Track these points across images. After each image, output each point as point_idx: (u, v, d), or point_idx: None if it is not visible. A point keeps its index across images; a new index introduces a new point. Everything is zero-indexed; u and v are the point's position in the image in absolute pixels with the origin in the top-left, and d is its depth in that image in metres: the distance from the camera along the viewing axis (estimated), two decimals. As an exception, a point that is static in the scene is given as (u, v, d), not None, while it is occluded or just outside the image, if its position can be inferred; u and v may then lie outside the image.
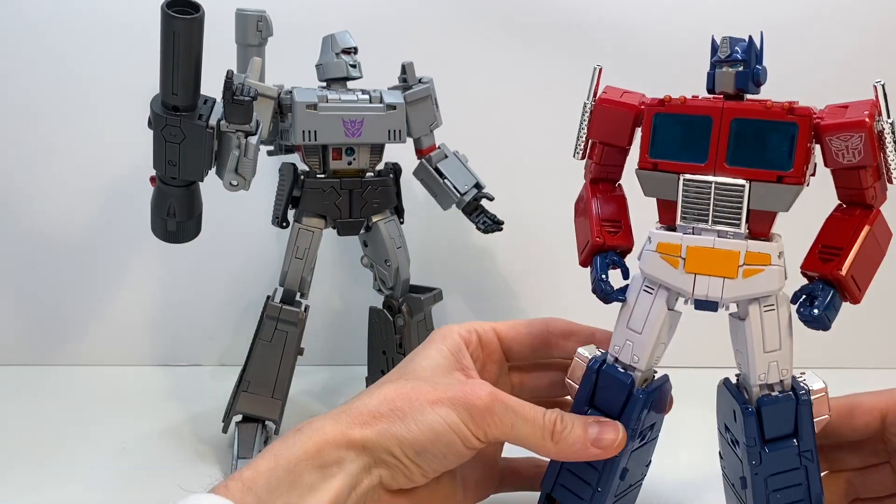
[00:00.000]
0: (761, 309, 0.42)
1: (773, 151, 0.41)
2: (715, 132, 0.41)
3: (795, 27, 0.77)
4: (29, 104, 0.76)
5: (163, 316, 0.80)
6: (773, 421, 0.43)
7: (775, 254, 0.41)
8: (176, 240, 0.57)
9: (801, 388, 0.43)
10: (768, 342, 0.43)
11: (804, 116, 0.40)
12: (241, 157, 0.53)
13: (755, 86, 0.42)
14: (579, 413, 0.45)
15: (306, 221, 0.60)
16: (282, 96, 0.58)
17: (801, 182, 0.40)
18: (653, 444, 0.48)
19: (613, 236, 0.45)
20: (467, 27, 0.77)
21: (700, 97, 0.43)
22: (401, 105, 0.60)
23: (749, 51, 0.41)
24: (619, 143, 0.45)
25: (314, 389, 0.74)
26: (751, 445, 0.43)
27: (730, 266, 0.42)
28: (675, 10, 0.77)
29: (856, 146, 0.40)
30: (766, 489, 0.43)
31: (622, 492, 0.47)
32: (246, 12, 0.58)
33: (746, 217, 0.42)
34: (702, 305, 0.43)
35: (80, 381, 0.76)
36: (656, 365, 0.46)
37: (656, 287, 0.44)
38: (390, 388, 0.42)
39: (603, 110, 0.45)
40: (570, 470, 0.47)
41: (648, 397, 0.44)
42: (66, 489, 0.56)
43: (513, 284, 0.81)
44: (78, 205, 0.78)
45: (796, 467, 0.43)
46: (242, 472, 0.38)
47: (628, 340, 0.45)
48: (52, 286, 0.79)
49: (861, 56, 0.77)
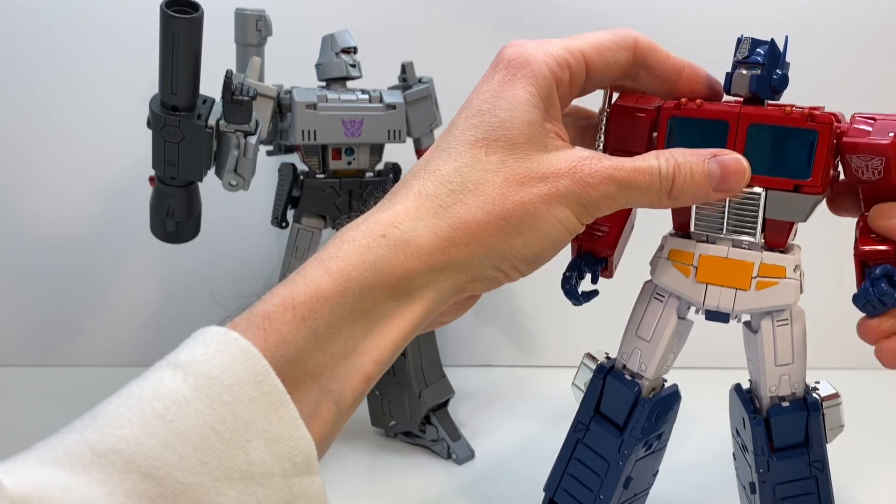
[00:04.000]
0: (774, 323, 0.41)
1: (791, 159, 0.39)
2: (731, 138, 0.40)
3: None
4: (28, 104, 0.76)
5: (163, 316, 0.80)
6: (782, 431, 0.43)
7: (791, 266, 0.40)
8: (175, 240, 0.56)
9: (813, 399, 0.43)
10: (780, 356, 0.42)
11: (825, 124, 0.38)
12: (240, 157, 0.53)
13: (773, 92, 0.40)
14: (585, 421, 0.45)
15: (306, 221, 0.60)
16: (281, 96, 0.58)
17: (819, 192, 0.39)
18: (660, 454, 0.48)
19: (596, 241, 0.44)
20: (467, 27, 0.77)
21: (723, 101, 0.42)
22: (400, 105, 0.60)
23: (769, 54, 0.40)
24: (637, 150, 0.41)
25: (314, 390, 0.74)
26: (758, 454, 0.43)
27: (743, 278, 0.41)
28: (676, 9, 0.76)
29: (876, 167, 0.38)
30: (775, 497, 0.43)
31: (626, 500, 0.46)
32: (245, 12, 0.58)
33: (762, 226, 0.40)
34: (713, 316, 0.42)
35: (80, 381, 0.76)
36: (665, 373, 0.45)
37: (667, 295, 0.43)
38: (494, 177, 0.34)
39: (621, 115, 0.43)
40: (573, 476, 0.46)
41: (655, 406, 0.44)
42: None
43: (513, 284, 0.80)
44: (77, 205, 0.78)
45: (806, 477, 0.43)
46: (295, 294, 0.31)
47: (637, 348, 0.44)
48: (51, 286, 0.79)
49: (869, 55, 0.77)
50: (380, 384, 0.64)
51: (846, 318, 0.87)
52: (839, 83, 0.77)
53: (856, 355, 0.81)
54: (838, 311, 0.80)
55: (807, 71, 0.77)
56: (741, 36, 0.40)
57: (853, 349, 0.80)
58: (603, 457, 0.45)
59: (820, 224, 0.42)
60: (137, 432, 0.27)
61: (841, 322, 0.81)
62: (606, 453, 0.45)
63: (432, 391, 0.63)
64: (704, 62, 0.42)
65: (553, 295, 0.61)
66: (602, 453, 0.45)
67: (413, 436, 0.64)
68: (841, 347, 0.82)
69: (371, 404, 0.65)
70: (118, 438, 0.27)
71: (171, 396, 0.28)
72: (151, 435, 0.27)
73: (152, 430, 0.27)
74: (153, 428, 0.27)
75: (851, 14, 0.77)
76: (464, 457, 0.62)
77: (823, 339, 0.83)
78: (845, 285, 0.50)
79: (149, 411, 0.27)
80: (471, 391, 0.73)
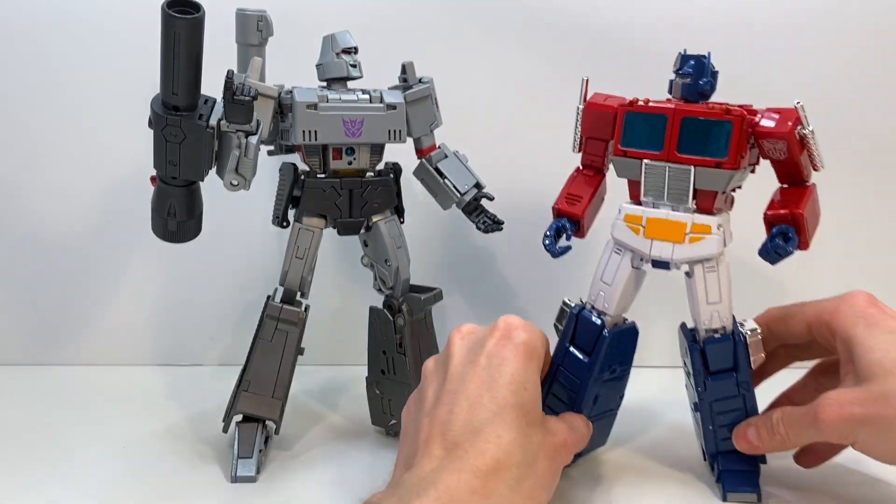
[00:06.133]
0: (704, 269, 0.53)
1: (713, 143, 0.51)
2: (669, 127, 0.52)
3: (803, 27, 0.77)
4: (29, 104, 0.76)
5: (163, 316, 0.80)
6: (715, 357, 0.55)
7: (715, 225, 0.52)
8: (176, 239, 0.57)
9: (740, 332, 0.54)
10: (710, 296, 0.54)
11: (738, 117, 0.51)
12: (241, 156, 0.53)
13: (700, 95, 0.53)
14: (563, 350, 0.56)
15: (307, 221, 0.60)
16: (282, 96, 0.58)
17: (735, 168, 0.51)
18: (624, 379, 0.59)
19: (570, 206, 0.57)
20: (467, 27, 0.77)
21: None
22: (401, 105, 0.60)
23: (696, 67, 0.52)
24: (605, 137, 0.56)
25: (314, 389, 0.74)
26: (697, 376, 0.55)
27: (679, 233, 0.53)
28: (676, 9, 0.77)
29: (781, 148, 0.51)
30: (712, 411, 0.56)
31: (597, 414, 0.58)
32: (246, 12, 0.58)
33: (693, 195, 0.53)
34: (658, 265, 0.55)
35: (80, 381, 0.76)
36: (624, 313, 0.57)
37: (623, 249, 0.55)
38: (512, 451, 0.43)
39: (590, 112, 0.56)
40: (554, 394, 0.57)
41: (615, 337, 0.55)
42: (66, 489, 0.56)
43: (513, 284, 0.81)
44: (78, 204, 0.78)
45: (735, 395, 0.55)
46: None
47: (601, 291, 0.56)
48: (51, 286, 0.79)
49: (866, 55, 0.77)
50: (380, 383, 0.64)
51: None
52: (838, 82, 0.77)
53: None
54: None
55: (807, 71, 0.77)
56: (682, 51, 0.53)
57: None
58: (576, 377, 0.56)
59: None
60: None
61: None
62: (579, 374, 0.56)
63: (433, 390, 0.63)
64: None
65: (553, 295, 0.61)
66: (575, 374, 0.56)
67: (413, 435, 0.64)
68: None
69: (371, 403, 0.65)
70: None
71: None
72: None
73: None
74: None
75: (851, 14, 0.77)
76: (464, 456, 0.62)
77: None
78: (846, 285, 0.52)
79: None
80: (471, 390, 0.73)
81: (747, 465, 0.56)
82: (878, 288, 0.55)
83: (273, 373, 0.60)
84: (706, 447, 0.58)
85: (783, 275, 0.64)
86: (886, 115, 0.79)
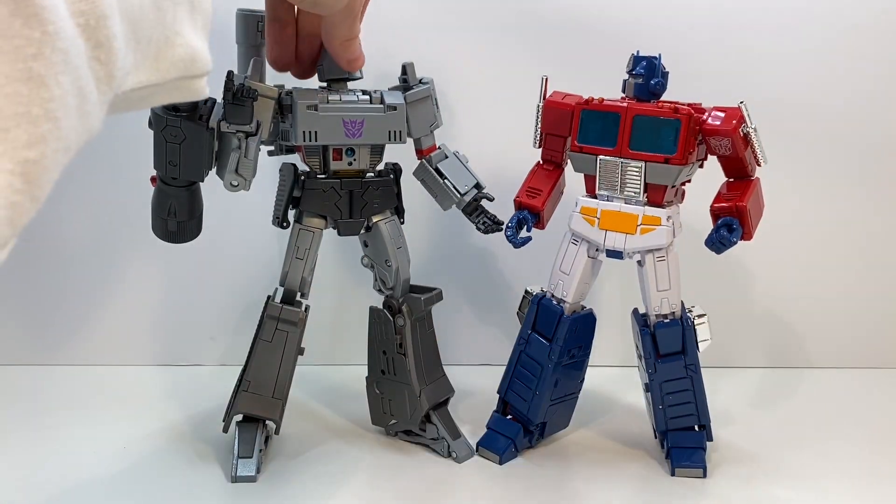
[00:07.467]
0: (655, 259, 0.57)
1: (663, 140, 0.55)
2: (622, 125, 0.56)
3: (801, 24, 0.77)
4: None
5: (163, 316, 0.80)
6: (664, 341, 0.58)
7: (665, 217, 0.56)
8: (176, 240, 0.57)
9: (687, 317, 0.58)
10: (660, 283, 0.57)
11: (685, 115, 0.54)
12: (241, 157, 0.53)
13: (651, 94, 0.56)
14: (525, 336, 0.61)
15: (307, 222, 0.60)
16: (282, 97, 0.58)
17: (683, 163, 0.55)
18: (583, 364, 0.63)
19: (531, 199, 0.61)
20: (468, 28, 0.77)
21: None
22: (401, 105, 0.60)
23: (647, 68, 0.56)
24: (563, 134, 0.59)
25: (314, 389, 0.74)
26: (647, 358, 0.59)
27: (631, 225, 0.57)
28: (676, 9, 0.77)
29: (726, 145, 0.54)
30: (661, 392, 0.59)
31: (558, 398, 0.62)
32: (246, 12, 0.58)
33: (644, 189, 0.56)
34: (611, 254, 0.58)
35: (80, 381, 0.76)
36: (582, 300, 0.61)
37: (580, 240, 0.59)
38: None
39: (549, 110, 0.59)
40: (517, 379, 0.61)
41: (573, 323, 0.60)
42: (67, 489, 0.56)
43: (513, 284, 0.81)
44: (78, 204, 0.78)
45: (683, 377, 0.59)
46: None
47: (560, 280, 0.60)
48: (52, 286, 0.79)
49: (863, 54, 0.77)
50: (380, 383, 0.64)
51: (844, 318, 0.87)
52: (837, 81, 0.77)
53: (856, 355, 0.82)
54: (838, 311, 0.80)
55: (806, 70, 0.77)
56: (634, 52, 0.56)
57: (853, 348, 0.81)
58: (538, 362, 0.60)
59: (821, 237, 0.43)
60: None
61: (839, 321, 0.81)
62: (540, 359, 0.60)
63: (432, 390, 0.63)
64: (704, 62, 0.43)
65: (553, 294, 0.62)
66: (537, 359, 0.60)
67: (413, 434, 0.64)
68: (841, 346, 0.83)
69: (372, 403, 0.65)
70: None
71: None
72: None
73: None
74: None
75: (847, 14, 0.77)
76: (464, 455, 0.62)
77: (824, 338, 0.84)
78: (844, 286, 0.52)
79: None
80: (471, 390, 0.73)
81: (694, 441, 0.60)
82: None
83: (273, 373, 0.60)
84: (656, 425, 0.61)
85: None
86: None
